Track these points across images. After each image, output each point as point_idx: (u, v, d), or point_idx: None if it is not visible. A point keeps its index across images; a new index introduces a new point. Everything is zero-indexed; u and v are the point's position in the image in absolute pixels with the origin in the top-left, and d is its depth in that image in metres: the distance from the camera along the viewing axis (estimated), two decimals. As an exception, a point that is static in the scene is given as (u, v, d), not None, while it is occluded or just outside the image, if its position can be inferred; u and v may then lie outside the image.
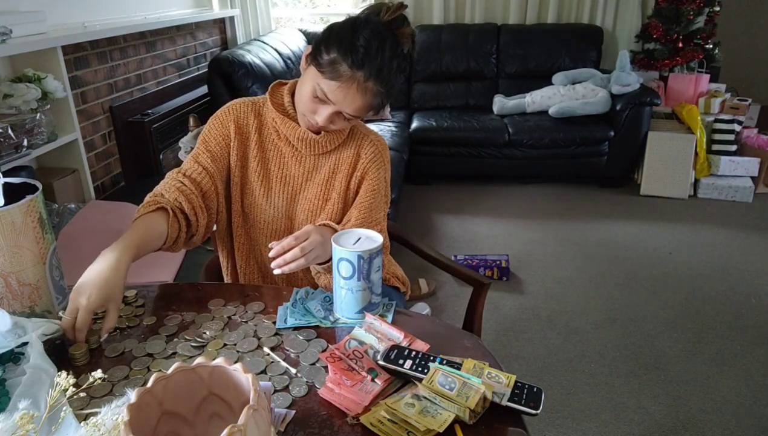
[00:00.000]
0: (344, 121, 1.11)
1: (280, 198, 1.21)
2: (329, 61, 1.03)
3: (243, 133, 1.20)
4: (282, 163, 1.20)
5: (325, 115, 1.08)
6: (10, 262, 0.86)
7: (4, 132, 1.91)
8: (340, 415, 0.75)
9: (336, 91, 1.04)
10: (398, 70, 1.07)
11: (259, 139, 1.20)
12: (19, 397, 0.67)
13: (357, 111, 1.07)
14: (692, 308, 2.43)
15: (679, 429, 1.79)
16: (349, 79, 1.02)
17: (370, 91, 1.04)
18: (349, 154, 1.20)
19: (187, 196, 1.11)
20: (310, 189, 1.20)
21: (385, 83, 1.05)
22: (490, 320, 2.32)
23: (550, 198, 3.58)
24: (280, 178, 1.21)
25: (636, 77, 3.59)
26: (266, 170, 1.21)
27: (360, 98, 1.04)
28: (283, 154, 1.20)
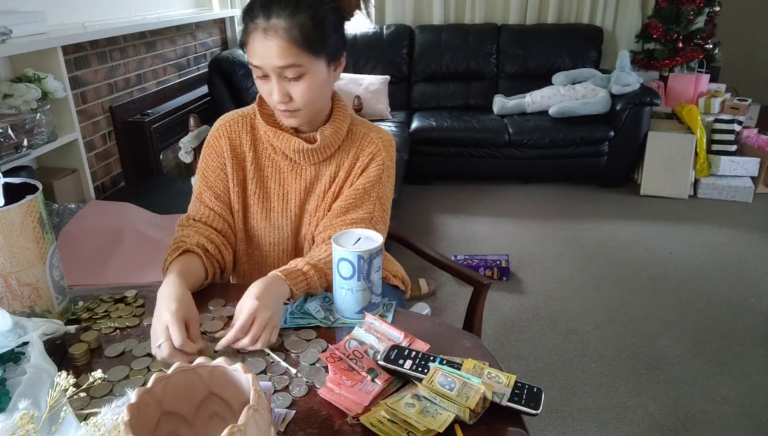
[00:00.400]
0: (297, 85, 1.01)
1: (283, 217, 1.16)
2: (242, 32, 1.01)
3: (238, 154, 1.15)
4: (281, 180, 1.15)
5: (276, 89, 1.01)
6: (10, 262, 0.86)
7: (4, 132, 1.91)
8: (340, 415, 0.75)
9: (253, 51, 0.99)
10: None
11: (255, 157, 1.14)
12: (19, 397, 0.67)
13: (281, 56, 0.97)
14: (692, 308, 2.43)
15: (679, 429, 1.79)
16: (253, 30, 0.98)
17: (273, 29, 0.96)
18: (347, 158, 1.14)
19: (208, 237, 1.09)
20: (311, 202, 1.16)
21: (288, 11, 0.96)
22: (490, 320, 2.32)
23: (550, 198, 3.58)
24: (281, 196, 1.15)
25: (636, 77, 3.59)
26: (265, 190, 1.15)
27: (272, 42, 0.96)
28: (281, 169, 1.15)
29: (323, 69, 1.03)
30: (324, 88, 1.06)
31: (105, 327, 0.94)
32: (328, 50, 1.02)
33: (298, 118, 1.07)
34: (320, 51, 1.01)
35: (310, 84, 1.02)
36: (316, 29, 0.98)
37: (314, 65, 1.01)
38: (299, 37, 0.97)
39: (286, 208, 1.16)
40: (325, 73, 1.04)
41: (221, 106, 3.14)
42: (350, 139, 1.15)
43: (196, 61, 3.64)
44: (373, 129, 1.17)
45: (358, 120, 1.18)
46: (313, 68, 1.01)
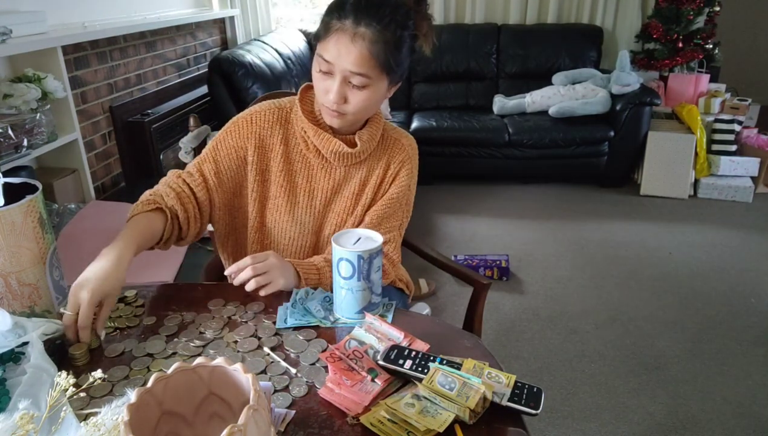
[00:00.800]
0: (357, 93, 1.03)
1: (307, 213, 1.16)
2: (322, 26, 1.02)
3: (265, 146, 1.14)
4: (310, 176, 1.15)
5: (335, 89, 1.02)
6: (10, 262, 0.86)
7: (4, 132, 1.91)
8: (340, 415, 0.75)
9: (330, 48, 1.00)
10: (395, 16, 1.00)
11: (285, 151, 1.14)
12: (19, 397, 0.67)
13: (357, 64, 1.00)
14: (692, 308, 2.43)
15: (679, 429, 1.79)
16: (338, 30, 0.99)
17: (361, 36, 0.98)
18: (379, 164, 1.16)
19: (184, 205, 1.10)
20: (338, 202, 1.16)
21: (380, 25, 0.98)
22: (490, 320, 2.33)
23: (550, 198, 3.58)
24: (307, 192, 1.15)
25: (636, 77, 3.59)
26: (292, 184, 1.15)
27: (354, 47, 0.98)
28: (312, 165, 1.15)
29: (384, 87, 1.07)
30: (377, 103, 1.10)
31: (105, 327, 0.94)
32: (397, 72, 1.06)
33: (343, 121, 1.08)
34: (391, 71, 1.04)
35: (369, 96, 1.05)
36: (397, 50, 1.02)
37: (380, 81, 1.04)
38: (381, 52, 1.00)
39: (311, 205, 1.16)
40: (384, 91, 1.08)
41: (221, 106, 3.14)
42: (382, 145, 1.18)
43: (196, 61, 3.64)
44: (403, 134, 1.21)
45: (388, 124, 1.21)
46: (377, 84, 1.04)
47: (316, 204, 1.16)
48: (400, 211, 1.18)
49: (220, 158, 1.14)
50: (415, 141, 1.22)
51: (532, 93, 3.77)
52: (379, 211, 1.15)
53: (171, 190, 1.10)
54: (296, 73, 3.64)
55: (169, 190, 1.10)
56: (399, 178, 1.17)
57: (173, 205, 1.08)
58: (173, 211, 1.09)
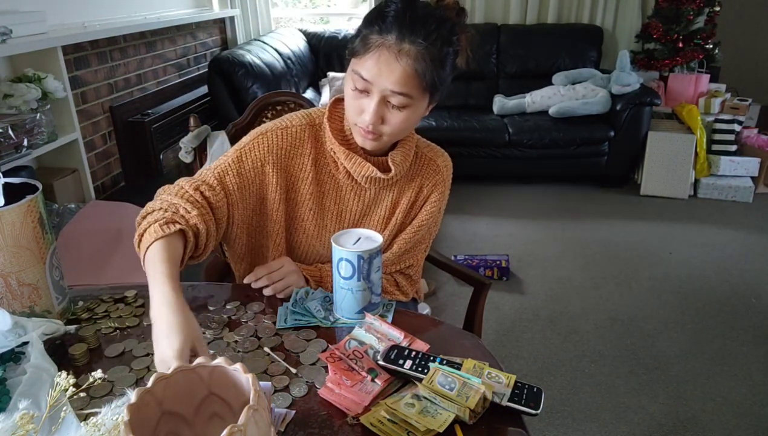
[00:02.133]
0: (396, 114, 0.96)
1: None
2: (360, 40, 0.94)
3: (295, 164, 1.06)
4: (339, 198, 1.09)
5: (372, 108, 0.94)
6: (10, 262, 0.86)
7: (4, 132, 1.91)
8: (340, 415, 0.75)
9: (370, 66, 0.92)
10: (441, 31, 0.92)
11: (315, 171, 1.07)
12: (19, 396, 0.67)
13: (400, 83, 0.92)
14: (692, 308, 2.43)
15: (679, 429, 1.79)
16: (379, 46, 0.91)
17: (406, 53, 0.90)
18: (411, 185, 1.10)
19: (206, 223, 0.97)
20: (368, 224, 1.11)
21: (425, 40, 0.90)
22: (490, 320, 2.32)
23: (550, 198, 3.58)
24: (335, 215, 1.10)
25: (636, 77, 3.59)
26: (321, 207, 1.09)
27: (397, 63, 0.90)
28: (341, 187, 1.08)
29: (425, 106, 1.00)
30: (416, 123, 1.03)
31: (105, 327, 0.94)
32: (439, 91, 0.99)
33: (378, 142, 1.01)
34: (434, 90, 0.97)
35: (408, 117, 0.98)
36: (442, 67, 0.94)
37: (421, 101, 0.97)
38: (425, 71, 0.92)
39: (339, 228, 1.10)
40: (423, 110, 1.01)
41: (221, 106, 3.14)
42: (416, 164, 1.11)
43: (196, 61, 3.64)
44: (438, 153, 1.14)
45: (422, 141, 1.14)
46: (418, 103, 0.97)
47: (344, 226, 1.10)
48: (428, 235, 1.15)
49: (244, 172, 1.04)
50: (450, 160, 1.16)
51: (532, 93, 3.77)
52: (408, 238, 1.11)
53: (191, 206, 0.96)
54: (296, 73, 3.63)
55: (190, 207, 0.96)
56: (430, 202, 1.11)
57: (195, 223, 0.95)
58: (195, 230, 0.96)
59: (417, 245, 1.15)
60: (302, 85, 3.75)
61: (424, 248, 1.18)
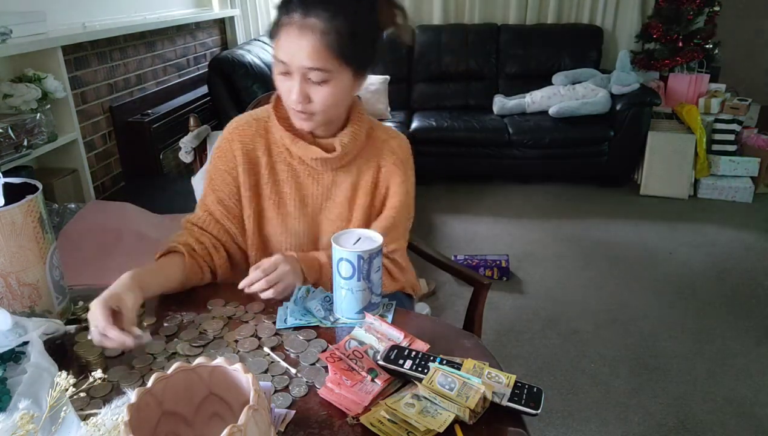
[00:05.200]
0: (320, 89, 0.98)
1: (299, 222, 1.13)
2: (273, 24, 0.99)
3: (251, 158, 1.11)
4: (297, 184, 1.11)
5: (295, 88, 0.98)
6: (10, 262, 0.86)
7: (4, 132, 1.91)
8: (340, 415, 0.75)
9: (283, 45, 0.96)
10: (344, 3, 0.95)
11: (270, 162, 1.11)
12: (20, 396, 0.67)
13: (312, 58, 0.94)
14: (692, 308, 2.43)
15: (679, 429, 1.79)
16: (287, 26, 0.95)
17: (311, 26, 0.93)
18: (369, 166, 1.11)
19: (197, 239, 1.08)
20: (331, 209, 1.12)
21: (329, 13, 0.93)
22: (490, 320, 2.32)
23: (550, 198, 3.58)
24: (297, 201, 1.12)
25: (636, 77, 3.59)
26: (280, 195, 1.12)
27: (306, 40, 0.94)
28: (298, 173, 1.11)
29: (348, 79, 1.01)
30: (344, 98, 1.04)
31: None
32: (358, 62, 1.00)
33: (313, 122, 1.03)
34: (350, 61, 0.98)
35: (332, 91, 0.99)
36: (352, 38, 0.96)
37: (341, 74, 0.99)
38: (334, 42, 0.94)
39: (303, 214, 1.12)
40: (349, 84, 1.02)
41: (221, 106, 3.14)
42: (370, 146, 1.12)
43: (196, 61, 3.64)
44: (392, 134, 1.15)
45: (376, 124, 1.16)
46: (338, 76, 0.99)
47: (308, 212, 1.13)
48: (404, 218, 1.15)
49: (217, 187, 1.11)
50: (406, 140, 1.17)
51: (532, 93, 3.77)
52: (383, 222, 1.12)
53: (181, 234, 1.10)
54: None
55: (178, 234, 1.10)
56: (395, 184, 1.12)
57: (186, 241, 1.07)
58: (187, 245, 1.06)
59: (395, 228, 1.13)
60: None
61: (403, 233, 1.17)
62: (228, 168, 1.11)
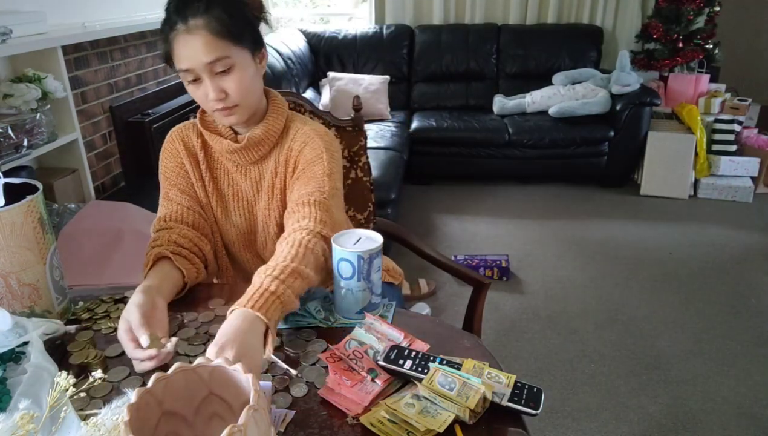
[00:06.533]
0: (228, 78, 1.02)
1: (238, 215, 1.19)
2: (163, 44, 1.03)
3: (192, 154, 1.17)
4: (230, 180, 1.18)
5: (209, 88, 1.02)
6: (10, 262, 0.86)
7: (4, 132, 1.91)
8: (340, 415, 0.75)
9: (181, 55, 1.00)
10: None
11: (206, 159, 1.17)
12: (20, 396, 0.67)
13: (208, 51, 0.99)
14: (692, 308, 2.43)
15: (679, 429, 1.79)
16: (175, 36, 1.00)
17: (194, 26, 0.99)
18: (282, 152, 1.15)
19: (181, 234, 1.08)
20: (262, 199, 1.17)
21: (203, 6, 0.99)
22: (490, 320, 2.32)
23: (550, 198, 3.58)
24: (233, 196, 1.18)
25: (636, 77, 3.59)
26: (219, 191, 1.18)
27: (196, 39, 0.99)
28: (229, 170, 1.17)
29: (249, 60, 1.06)
30: (254, 80, 1.08)
31: (105, 327, 0.94)
32: (248, 40, 1.05)
33: (237, 114, 1.07)
34: (242, 40, 1.03)
35: (241, 76, 1.03)
36: (233, 21, 1.01)
37: (240, 56, 1.03)
38: (220, 28, 1.00)
39: (240, 207, 1.18)
40: (252, 64, 1.07)
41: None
42: (286, 135, 1.16)
43: (196, 61, 3.64)
44: (309, 123, 1.18)
45: (298, 117, 1.19)
46: (240, 59, 1.03)
47: (245, 204, 1.18)
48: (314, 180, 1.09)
49: (174, 181, 1.15)
50: (325, 128, 1.18)
51: (532, 93, 3.77)
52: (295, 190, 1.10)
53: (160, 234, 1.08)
54: (296, 72, 3.63)
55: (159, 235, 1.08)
56: (303, 154, 1.12)
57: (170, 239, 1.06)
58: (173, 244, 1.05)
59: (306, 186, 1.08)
60: (302, 85, 3.75)
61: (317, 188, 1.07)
62: (177, 163, 1.16)
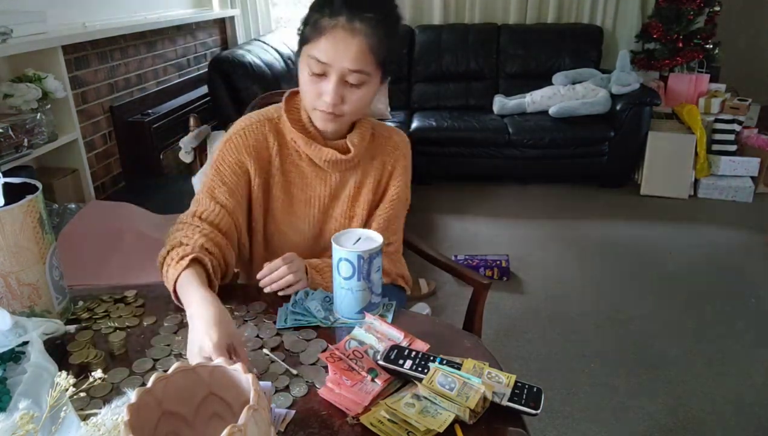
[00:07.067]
0: (355, 91, 1.00)
1: (305, 223, 1.14)
2: (311, 26, 0.98)
3: (263, 158, 1.10)
4: (305, 185, 1.12)
5: (331, 89, 0.98)
6: (10, 262, 0.86)
7: (4, 132, 1.91)
8: (340, 415, 0.75)
9: (326, 49, 0.96)
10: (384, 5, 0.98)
11: (281, 162, 1.11)
12: (20, 396, 0.67)
13: (357, 61, 0.96)
14: (692, 308, 2.43)
15: (679, 429, 1.79)
16: (332, 28, 0.95)
17: (359, 31, 0.95)
18: (373, 164, 1.14)
19: (213, 240, 1.01)
20: (336, 207, 1.14)
21: (375, 15, 0.95)
22: (490, 320, 2.32)
23: (550, 198, 3.58)
24: (304, 202, 1.13)
25: (636, 77, 3.59)
26: (289, 195, 1.13)
27: (352, 41, 0.95)
28: (306, 174, 1.12)
29: (378, 82, 1.04)
30: (371, 99, 1.07)
31: (105, 327, 0.94)
32: (391, 66, 1.03)
33: (339, 123, 1.05)
34: (384, 66, 1.01)
35: (366, 94, 1.02)
36: (392, 38, 1.00)
37: (376, 76, 1.02)
38: (378, 44, 0.97)
39: (309, 214, 1.14)
40: (377, 87, 1.05)
41: (221, 106, 3.13)
42: (374, 143, 1.15)
43: (196, 61, 3.64)
44: (394, 131, 1.19)
45: (377, 123, 1.18)
46: (374, 79, 1.02)
47: (314, 212, 1.14)
48: (403, 209, 1.18)
49: (227, 179, 1.08)
50: (405, 136, 1.20)
51: (532, 93, 3.76)
52: (384, 214, 1.15)
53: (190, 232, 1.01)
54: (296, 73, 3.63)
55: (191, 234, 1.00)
56: (396, 177, 1.16)
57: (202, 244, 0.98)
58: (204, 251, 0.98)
59: (396, 219, 1.18)
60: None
61: (400, 226, 1.20)
62: (239, 161, 1.09)
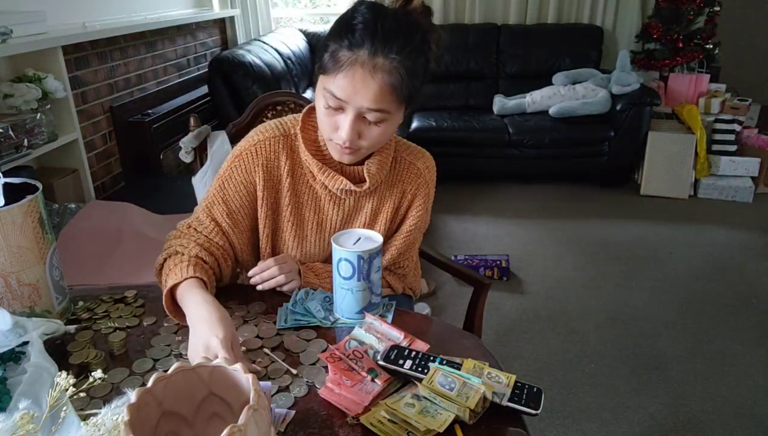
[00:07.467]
0: (373, 128, 0.93)
1: (315, 247, 1.09)
2: (329, 56, 0.89)
3: (273, 177, 1.05)
4: (317, 208, 1.07)
5: (347, 126, 0.91)
6: (10, 262, 0.86)
7: (4, 132, 1.91)
8: (340, 415, 0.75)
9: (344, 84, 0.87)
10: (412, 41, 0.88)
11: (293, 183, 1.05)
12: (20, 396, 0.67)
13: (376, 100, 0.88)
14: (692, 308, 2.43)
15: (679, 429, 1.79)
16: (352, 63, 0.86)
17: (380, 67, 0.86)
18: (392, 192, 1.06)
19: (207, 249, 1.00)
20: None
21: (399, 53, 0.86)
22: (490, 320, 2.32)
23: (550, 198, 3.58)
24: (315, 225, 1.08)
25: (636, 77, 3.59)
26: (300, 218, 1.07)
27: (372, 81, 0.86)
28: (319, 197, 1.06)
29: (401, 116, 0.97)
30: (393, 133, 1.01)
31: (105, 327, 0.94)
32: (412, 101, 0.95)
33: (355, 156, 0.98)
34: (407, 101, 0.93)
35: (386, 130, 0.94)
36: (416, 77, 0.91)
37: (398, 113, 0.95)
38: (400, 84, 0.88)
39: (320, 238, 1.09)
40: (400, 120, 0.98)
41: (221, 107, 3.14)
42: (395, 170, 1.07)
43: (196, 61, 3.64)
44: (418, 156, 1.09)
45: (401, 144, 1.10)
46: (395, 116, 0.94)
47: (325, 236, 1.09)
48: (420, 234, 1.13)
49: (229, 198, 1.04)
50: (432, 160, 1.12)
51: (532, 93, 3.76)
52: (398, 245, 1.10)
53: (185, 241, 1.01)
54: (296, 73, 3.63)
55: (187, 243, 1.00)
56: (416, 207, 1.08)
57: (197, 254, 0.98)
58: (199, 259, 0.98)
59: (410, 248, 1.14)
60: (302, 85, 3.75)
61: (416, 249, 1.18)
62: (246, 181, 1.04)
